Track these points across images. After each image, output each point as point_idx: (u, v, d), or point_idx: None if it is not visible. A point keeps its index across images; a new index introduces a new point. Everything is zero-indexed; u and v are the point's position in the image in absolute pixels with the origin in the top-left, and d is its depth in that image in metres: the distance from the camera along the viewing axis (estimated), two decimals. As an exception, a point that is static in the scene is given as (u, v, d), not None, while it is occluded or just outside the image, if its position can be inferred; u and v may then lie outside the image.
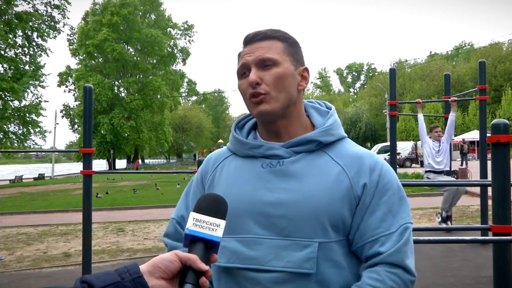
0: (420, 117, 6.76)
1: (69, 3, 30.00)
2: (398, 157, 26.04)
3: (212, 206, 0.84)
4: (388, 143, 13.08)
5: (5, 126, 26.51)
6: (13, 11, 26.58)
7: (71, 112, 49.16)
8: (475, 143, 32.99)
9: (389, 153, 7.18)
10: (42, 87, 29.62)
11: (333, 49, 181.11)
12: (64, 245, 7.81)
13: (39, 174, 34.33)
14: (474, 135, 30.95)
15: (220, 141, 40.47)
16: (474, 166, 15.04)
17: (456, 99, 6.93)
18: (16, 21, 26.55)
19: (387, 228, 1.04)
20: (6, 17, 26.44)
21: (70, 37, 50.73)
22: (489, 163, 2.94)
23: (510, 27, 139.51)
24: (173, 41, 54.43)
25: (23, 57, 28.13)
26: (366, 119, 54.95)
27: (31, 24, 27.65)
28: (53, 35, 29.64)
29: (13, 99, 26.36)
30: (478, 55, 51.03)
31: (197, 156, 39.67)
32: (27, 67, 28.01)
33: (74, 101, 50.29)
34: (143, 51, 50.29)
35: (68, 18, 31.89)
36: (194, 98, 77.35)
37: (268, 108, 1.08)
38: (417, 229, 3.51)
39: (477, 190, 11.20)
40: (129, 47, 50.14)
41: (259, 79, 1.08)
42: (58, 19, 30.15)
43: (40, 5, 36.00)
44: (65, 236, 8.70)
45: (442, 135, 6.86)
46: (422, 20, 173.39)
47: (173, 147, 62.52)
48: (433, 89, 49.09)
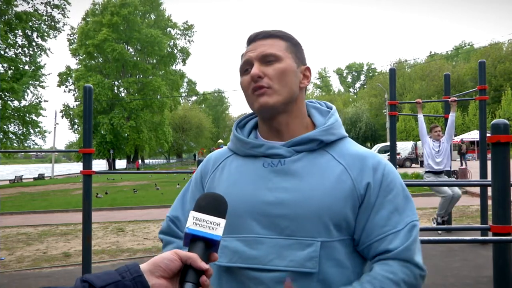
0: (420, 117, 6.75)
1: (68, 3, 29.99)
2: (398, 157, 26.05)
3: (212, 205, 0.84)
4: (388, 143, 13.06)
5: (5, 126, 26.51)
6: (13, 11, 26.60)
7: (71, 112, 49.13)
8: (475, 143, 33.01)
9: (389, 153, 7.17)
10: (42, 87, 29.66)
11: (333, 49, 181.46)
12: (64, 245, 7.81)
13: (39, 174, 34.31)
14: (474, 135, 30.96)
15: (220, 141, 40.40)
16: (474, 166, 15.04)
17: (456, 99, 6.92)
18: (16, 21, 26.56)
19: (394, 226, 1.04)
20: (6, 17, 26.44)
21: (70, 37, 50.79)
22: (489, 163, 2.94)
23: (510, 27, 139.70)
24: (173, 41, 54.41)
25: (23, 57, 28.15)
26: (366, 119, 54.92)
27: (31, 24, 27.65)
28: (53, 35, 29.65)
29: (13, 99, 26.38)
30: (478, 55, 51.02)
31: (197, 156, 39.60)
32: (27, 67, 28.01)
33: (74, 101, 50.34)
34: (143, 51, 50.28)
35: (68, 17, 31.89)
36: (194, 98, 77.40)
37: (270, 101, 1.08)
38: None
39: (477, 190, 11.21)
40: (129, 47, 50.13)
41: (261, 73, 1.08)
42: (58, 19, 30.21)
43: (40, 5, 35.96)
44: (65, 236, 8.70)
45: (441, 135, 6.85)
46: (422, 20, 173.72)
47: (173, 147, 62.53)
48: (433, 89, 49.09)
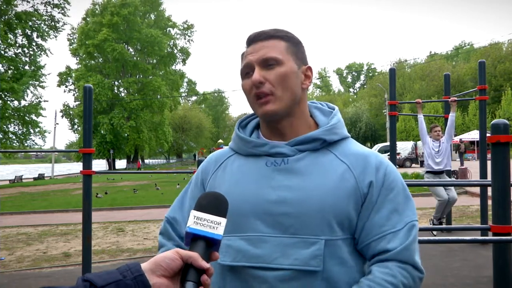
0: (420, 117, 6.75)
1: (68, 3, 29.99)
2: (398, 157, 26.05)
3: (213, 204, 0.84)
4: (388, 143, 13.07)
5: (5, 126, 26.50)
6: (13, 11, 26.59)
7: (71, 112, 49.17)
8: (475, 143, 33.01)
9: (389, 153, 7.17)
10: (42, 87, 29.64)
11: (333, 49, 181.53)
12: (64, 245, 7.81)
13: (39, 174, 34.30)
14: (474, 135, 30.97)
15: (220, 141, 40.40)
16: (474, 166, 15.03)
17: (456, 99, 6.92)
18: (16, 21, 26.56)
19: (393, 226, 1.04)
20: (6, 17, 26.43)
21: (70, 37, 50.81)
22: (489, 163, 2.94)
23: (510, 27, 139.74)
24: (173, 41, 54.44)
25: (23, 57, 28.15)
26: (366, 119, 54.95)
27: (31, 24, 27.65)
28: (53, 35, 29.66)
29: (13, 99, 26.38)
30: (478, 55, 51.01)
31: (197, 156, 39.64)
32: (27, 67, 28.01)
33: (74, 101, 50.33)
34: (143, 51, 50.32)
35: (68, 16, 31.84)
36: (194, 98, 77.39)
37: (274, 108, 1.08)
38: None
39: (477, 190, 11.21)
40: (129, 47, 50.16)
41: (263, 78, 1.08)
42: (58, 18, 30.18)
43: (40, 4, 35.97)
44: (65, 236, 8.70)
45: (441, 135, 6.85)
46: (422, 20, 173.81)
47: (173, 147, 62.52)
48: (433, 89, 49.09)
